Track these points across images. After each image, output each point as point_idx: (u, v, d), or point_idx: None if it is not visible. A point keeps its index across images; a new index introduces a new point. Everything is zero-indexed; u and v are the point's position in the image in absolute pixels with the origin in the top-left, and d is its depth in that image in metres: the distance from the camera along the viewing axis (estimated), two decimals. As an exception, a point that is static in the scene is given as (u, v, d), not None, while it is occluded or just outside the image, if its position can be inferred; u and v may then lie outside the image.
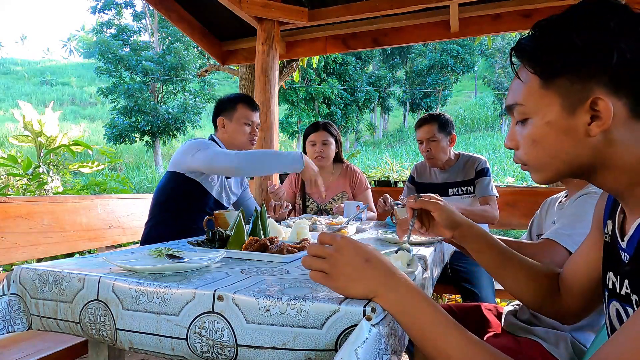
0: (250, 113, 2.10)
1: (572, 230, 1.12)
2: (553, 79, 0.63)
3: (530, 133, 0.67)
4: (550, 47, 0.62)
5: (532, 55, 0.65)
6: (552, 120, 0.64)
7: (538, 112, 0.66)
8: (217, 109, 2.14)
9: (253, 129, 2.12)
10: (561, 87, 0.62)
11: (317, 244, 0.74)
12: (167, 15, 3.61)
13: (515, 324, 1.23)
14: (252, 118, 2.11)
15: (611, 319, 0.67)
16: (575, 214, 1.16)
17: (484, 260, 0.96)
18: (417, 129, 2.42)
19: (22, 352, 1.32)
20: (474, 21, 3.32)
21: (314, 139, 2.53)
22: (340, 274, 0.69)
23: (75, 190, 4.35)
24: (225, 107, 2.11)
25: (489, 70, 36.54)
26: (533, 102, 0.66)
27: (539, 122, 0.66)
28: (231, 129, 2.09)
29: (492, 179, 2.35)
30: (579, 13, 0.61)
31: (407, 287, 0.68)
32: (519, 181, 12.46)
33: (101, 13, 29.09)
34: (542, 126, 0.65)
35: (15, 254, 1.78)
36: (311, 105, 26.22)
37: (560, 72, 0.62)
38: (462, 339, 0.62)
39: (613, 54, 0.57)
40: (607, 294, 0.69)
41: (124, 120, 21.31)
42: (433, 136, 2.33)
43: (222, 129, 2.11)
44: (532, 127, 0.67)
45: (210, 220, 1.57)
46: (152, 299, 0.82)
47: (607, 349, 0.52)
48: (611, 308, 0.66)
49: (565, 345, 1.11)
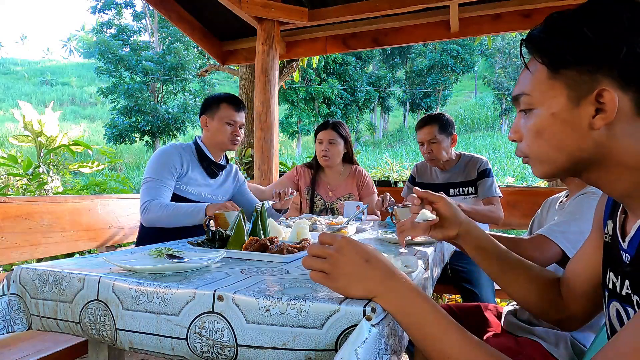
0: (232, 113, 2.06)
1: (567, 227, 1.12)
2: (561, 69, 0.63)
3: (534, 124, 0.67)
4: (560, 37, 0.63)
5: (541, 45, 0.65)
6: (557, 111, 0.64)
7: (544, 102, 0.66)
8: (202, 108, 2.13)
9: (235, 129, 2.07)
10: (569, 78, 0.63)
11: (317, 244, 0.74)
12: (167, 15, 3.61)
13: (515, 323, 1.23)
14: (234, 118, 2.06)
15: (611, 319, 0.67)
16: (572, 212, 1.17)
17: (485, 263, 0.95)
18: (417, 130, 2.41)
19: (22, 352, 1.31)
20: (474, 21, 3.32)
21: (322, 137, 2.53)
22: (340, 274, 0.69)
23: (75, 190, 4.35)
24: (209, 106, 2.09)
25: (489, 70, 36.55)
26: (539, 93, 0.66)
27: (544, 113, 0.66)
28: (213, 128, 2.06)
29: (494, 179, 2.35)
30: (592, 6, 0.61)
31: (407, 287, 0.67)
32: (519, 181, 12.47)
33: (101, 13, 29.14)
34: (547, 117, 0.65)
35: (15, 254, 1.78)
36: (311, 105, 26.24)
37: (568, 62, 0.62)
38: (461, 339, 0.62)
39: (623, 47, 0.57)
40: (607, 294, 0.68)
41: (124, 120, 21.33)
42: (434, 138, 2.33)
43: (205, 128, 2.09)
44: (536, 118, 0.67)
45: (210, 220, 1.57)
46: (152, 299, 0.82)
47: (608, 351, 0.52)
48: (611, 308, 0.66)
49: (565, 345, 1.11)
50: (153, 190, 1.88)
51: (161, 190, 1.88)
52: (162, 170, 1.92)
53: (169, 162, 1.94)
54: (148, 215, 1.84)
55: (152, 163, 1.95)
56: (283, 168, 4.60)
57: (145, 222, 1.88)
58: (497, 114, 31.37)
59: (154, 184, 1.89)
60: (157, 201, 1.84)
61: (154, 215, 1.82)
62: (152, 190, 1.88)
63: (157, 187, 1.88)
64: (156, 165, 1.93)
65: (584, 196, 1.18)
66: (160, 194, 1.87)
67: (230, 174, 2.23)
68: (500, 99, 30.69)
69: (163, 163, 1.93)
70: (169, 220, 1.82)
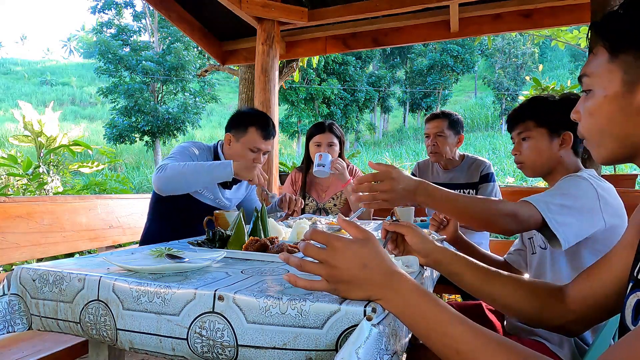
0: (260, 140, 1.91)
1: (551, 199, 1.12)
2: (619, 52, 0.65)
3: (590, 105, 0.70)
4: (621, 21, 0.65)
5: (604, 28, 0.67)
6: (610, 94, 0.66)
7: (600, 84, 0.68)
8: (230, 123, 1.98)
9: (258, 156, 1.92)
10: (626, 62, 0.65)
11: (312, 245, 0.69)
12: (167, 15, 3.61)
13: (518, 325, 1.23)
14: (260, 145, 1.91)
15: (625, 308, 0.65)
16: (556, 188, 1.19)
17: (466, 282, 0.91)
18: (426, 122, 2.42)
19: (22, 352, 1.32)
20: (474, 21, 3.32)
21: (320, 140, 2.52)
22: (338, 281, 0.67)
23: (75, 190, 4.35)
24: (237, 125, 1.94)
25: (489, 70, 36.55)
26: (598, 75, 0.69)
27: (599, 95, 0.68)
28: (235, 149, 1.92)
29: (496, 184, 2.35)
30: None
31: (408, 287, 0.67)
32: (519, 181, 12.46)
33: (101, 13, 29.10)
34: (601, 99, 0.68)
35: (15, 254, 1.78)
36: (311, 105, 26.24)
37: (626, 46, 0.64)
38: (469, 331, 0.61)
39: None
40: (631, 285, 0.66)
41: (124, 120, 21.31)
42: (441, 131, 2.33)
43: (227, 146, 1.97)
44: (593, 99, 0.70)
45: (211, 220, 1.57)
46: (153, 299, 0.82)
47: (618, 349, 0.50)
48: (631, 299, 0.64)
49: (569, 345, 1.11)
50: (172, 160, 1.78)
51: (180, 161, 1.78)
52: (184, 156, 1.85)
53: (190, 151, 1.89)
54: (165, 172, 1.69)
55: (172, 152, 1.90)
56: (283, 168, 4.60)
57: (159, 184, 1.71)
58: (497, 114, 31.36)
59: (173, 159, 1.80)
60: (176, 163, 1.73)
61: (172, 172, 1.68)
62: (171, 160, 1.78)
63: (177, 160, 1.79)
64: (177, 153, 1.87)
65: (567, 177, 1.20)
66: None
67: (242, 185, 2.18)
68: (500, 99, 30.69)
69: (184, 151, 1.87)
70: (190, 177, 1.68)
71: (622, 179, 3.61)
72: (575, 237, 1.08)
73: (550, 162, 1.30)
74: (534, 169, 1.34)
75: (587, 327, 0.85)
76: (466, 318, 0.64)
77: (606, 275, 0.79)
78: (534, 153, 1.31)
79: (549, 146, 1.29)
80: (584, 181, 1.14)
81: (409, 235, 0.95)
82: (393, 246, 1.01)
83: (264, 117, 1.98)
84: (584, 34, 5.59)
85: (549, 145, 1.29)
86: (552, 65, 39.46)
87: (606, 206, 1.11)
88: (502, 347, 0.59)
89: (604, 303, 0.79)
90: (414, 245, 0.95)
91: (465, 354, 0.60)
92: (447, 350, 0.62)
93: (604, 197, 1.12)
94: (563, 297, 0.84)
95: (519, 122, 1.35)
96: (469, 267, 0.91)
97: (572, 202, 1.11)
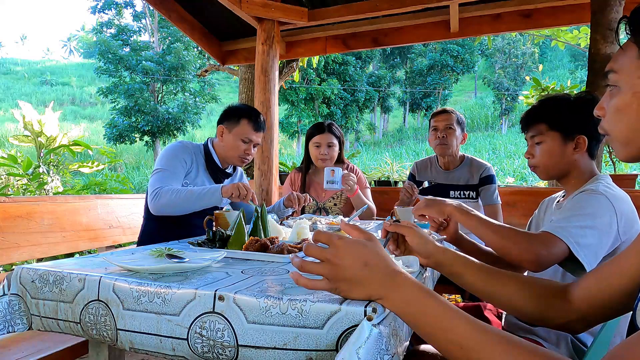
0: (251, 132, 2.00)
1: (567, 223, 1.09)
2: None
3: (616, 101, 0.69)
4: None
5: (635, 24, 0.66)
6: (638, 91, 0.65)
7: (628, 81, 0.67)
8: (222, 116, 2.07)
9: (249, 147, 2.02)
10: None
11: (314, 245, 0.70)
12: (167, 15, 3.61)
13: (516, 324, 1.23)
14: (251, 136, 2.01)
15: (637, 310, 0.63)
16: (572, 208, 1.15)
17: (468, 282, 0.91)
18: (434, 117, 2.42)
19: (22, 352, 1.32)
20: (474, 21, 3.32)
21: (319, 141, 2.52)
22: (340, 280, 0.67)
23: (75, 190, 4.35)
24: (229, 117, 2.03)
25: (489, 70, 36.53)
26: (626, 71, 0.68)
27: (627, 91, 0.67)
28: (227, 141, 2.01)
29: (497, 185, 2.36)
30: None
31: (409, 285, 0.67)
32: (519, 181, 12.47)
33: (101, 13, 29.12)
34: (629, 96, 0.67)
35: (15, 254, 1.78)
36: (311, 105, 26.23)
37: None
38: (471, 327, 0.61)
39: None
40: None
41: (124, 120, 21.32)
42: (451, 125, 2.35)
43: (219, 137, 2.05)
44: (619, 95, 0.68)
45: (211, 220, 1.57)
46: (153, 299, 0.82)
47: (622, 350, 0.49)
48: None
49: (566, 344, 1.11)
50: (164, 178, 1.85)
51: (172, 179, 1.86)
52: (172, 162, 1.90)
53: (179, 155, 1.93)
54: (159, 200, 1.77)
55: (162, 156, 1.94)
56: (283, 168, 4.60)
57: (155, 209, 1.80)
58: (497, 114, 31.35)
59: (164, 174, 1.86)
60: (168, 187, 1.80)
61: (166, 200, 1.76)
62: (163, 178, 1.85)
63: (168, 177, 1.86)
64: (166, 158, 1.92)
65: (582, 194, 1.17)
66: (171, 183, 1.84)
67: (235, 179, 2.21)
68: (500, 99, 30.68)
69: (173, 156, 1.92)
70: (182, 204, 1.76)
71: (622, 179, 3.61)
72: (596, 259, 1.06)
73: (564, 166, 1.26)
74: (547, 173, 1.31)
75: (590, 326, 0.84)
76: (468, 314, 0.63)
77: (615, 279, 0.78)
78: (547, 157, 1.27)
79: (563, 150, 1.24)
80: (600, 197, 1.11)
81: (410, 236, 0.95)
82: (394, 246, 1.01)
83: (255, 111, 2.09)
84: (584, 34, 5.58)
85: (562, 149, 1.24)
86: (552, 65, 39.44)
87: (621, 220, 1.09)
88: (505, 341, 0.58)
89: (609, 305, 0.78)
90: (415, 246, 0.95)
91: (469, 349, 0.60)
92: (450, 346, 0.62)
93: (620, 210, 1.09)
94: (567, 296, 0.84)
95: (531, 125, 1.31)
96: (470, 268, 0.91)
97: (592, 222, 1.08)
